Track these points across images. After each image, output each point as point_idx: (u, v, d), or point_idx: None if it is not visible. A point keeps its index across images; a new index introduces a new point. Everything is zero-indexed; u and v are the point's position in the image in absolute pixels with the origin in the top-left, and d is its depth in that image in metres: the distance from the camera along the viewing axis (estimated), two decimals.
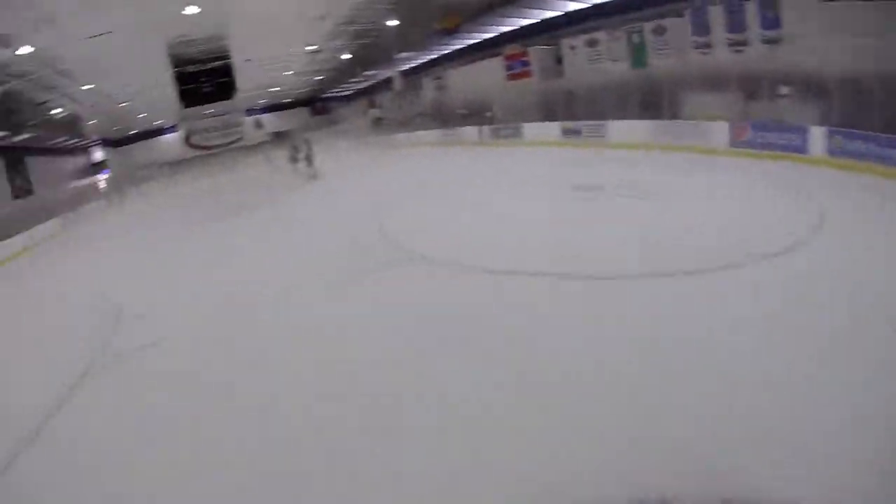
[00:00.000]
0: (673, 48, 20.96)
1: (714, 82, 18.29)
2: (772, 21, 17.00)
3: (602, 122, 22.25)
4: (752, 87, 17.10)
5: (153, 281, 13.78)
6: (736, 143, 16.51)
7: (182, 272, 14.33)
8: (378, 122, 46.47)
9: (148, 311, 10.99)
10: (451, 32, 30.07)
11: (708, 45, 19.33)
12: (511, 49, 30.83)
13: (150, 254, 17.86)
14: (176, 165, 54.56)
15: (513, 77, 30.15)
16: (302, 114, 64.05)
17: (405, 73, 42.62)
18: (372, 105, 49.95)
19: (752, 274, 8.09)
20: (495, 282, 9.45)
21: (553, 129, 25.12)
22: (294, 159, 29.77)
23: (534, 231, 12.15)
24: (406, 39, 35.98)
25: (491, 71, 31.96)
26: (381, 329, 8.16)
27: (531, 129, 27.03)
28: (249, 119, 60.72)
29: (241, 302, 10.73)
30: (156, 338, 9.27)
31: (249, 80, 41.68)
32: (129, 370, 8.41)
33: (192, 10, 22.49)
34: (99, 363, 8.73)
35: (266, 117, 62.34)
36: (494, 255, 10.69)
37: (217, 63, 32.69)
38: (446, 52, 39.98)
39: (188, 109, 41.65)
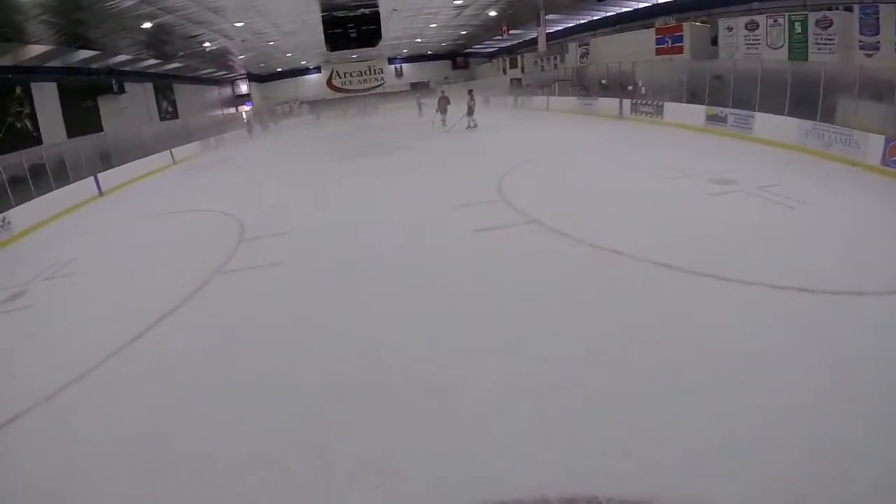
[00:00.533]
0: (836, 44, 19.70)
1: (875, 89, 16.94)
2: None
3: (751, 112, 21.17)
4: None
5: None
6: (888, 161, 15.31)
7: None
8: (517, 83, 46.05)
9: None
10: None
11: (875, 47, 18.04)
12: (664, 22, 29.79)
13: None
14: (317, 104, 56.64)
15: (662, 52, 29.03)
16: (444, 67, 64.42)
17: (551, 36, 41.95)
18: (513, 65, 49.52)
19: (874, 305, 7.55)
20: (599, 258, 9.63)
21: (698, 112, 23.97)
22: (444, 111, 31.41)
23: (641, 216, 12.06)
24: (556, 0, 35.35)
25: (639, 43, 30.82)
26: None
27: (673, 110, 25.94)
28: (391, 67, 61.88)
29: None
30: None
31: (394, 30, 42.13)
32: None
33: None
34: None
35: (408, 66, 63.15)
36: (596, 233, 10.77)
37: (365, 10, 33.09)
38: (596, 17, 39.09)
39: (333, 53, 42.77)
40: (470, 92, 31.80)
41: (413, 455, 5.14)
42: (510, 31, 44.56)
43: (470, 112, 30.01)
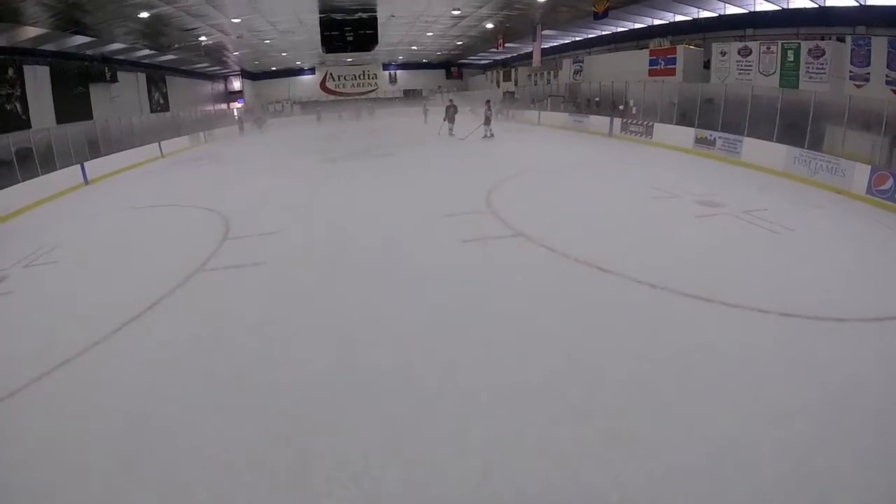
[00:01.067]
0: (827, 73, 19.95)
1: (863, 119, 17.16)
2: None
3: (739, 137, 21.38)
4: None
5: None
6: (874, 190, 15.48)
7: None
8: (510, 96, 46.26)
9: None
10: (601, 16, 29.51)
11: (865, 78, 18.30)
12: (658, 43, 30.05)
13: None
14: (310, 105, 56.63)
15: (655, 73, 29.25)
16: (438, 76, 64.66)
17: (546, 52, 42.14)
18: (507, 78, 49.74)
19: (854, 332, 7.62)
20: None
21: (687, 134, 24.21)
22: (451, 119, 31.76)
23: (627, 235, 12.12)
24: (552, 17, 35.54)
25: (633, 63, 31.00)
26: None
27: (663, 130, 26.18)
28: (385, 73, 62.03)
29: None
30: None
31: (391, 36, 42.26)
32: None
33: None
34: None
35: (402, 73, 63.31)
36: (582, 249, 10.74)
37: (363, 15, 33.17)
38: (591, 36, 39.38)
39: (328, 55, 42.80)
40: (487, 102, 32.46)
41: (385, 460, 5.14)
42: (506, 45, 44.72)
43: (487, 122, 30.29)
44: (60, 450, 5.50)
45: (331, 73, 60.92)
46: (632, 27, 34.67)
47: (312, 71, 60.37)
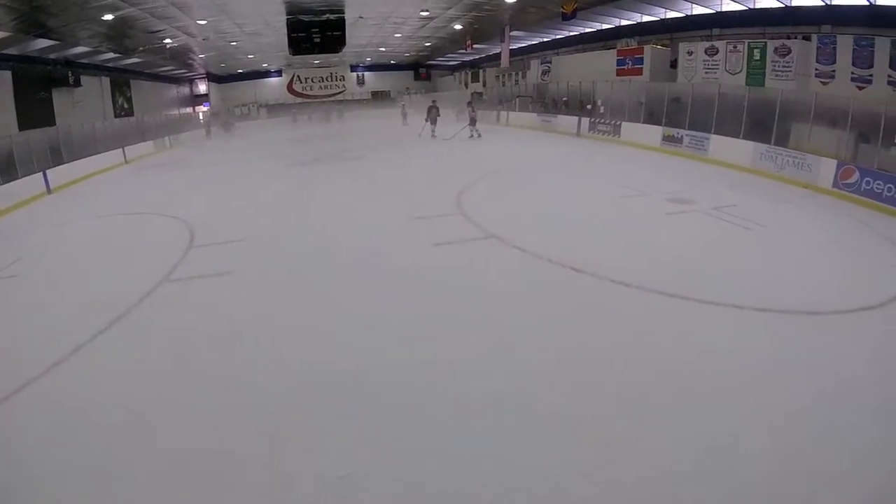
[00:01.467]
0: (793, 71, 20.19)
1: (829, 116, 17.40)
2: None
3: (707, 134, 21.56)
4: (869, 128, 16.15)
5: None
6: (841, 183, 15.69)
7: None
8: (478, 97, 46.25)
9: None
10: (569, 17, 29.57)
11: (830, 76, 18.55)
12: (626, 44, 30.21)
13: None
14: (275, 108, 56.14)
15: (622, 73, 29.45)
16: (406, 77, 64.48)
17: (514, 53, 42.24)
18: (474, 79, 49.76)
19: (828, 324, 7.73)
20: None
21: (654, 132, 24.39)
22: (433, 121, 31.65)
23: (599, 234, 12.16)
24: (520, 18, 35.62)
25: (601, 63, 31.29)
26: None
27: (631, 129, 26.32)
28: (353, 75, 61.76)
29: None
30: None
31: (359, 37, 42.04)
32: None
33: None
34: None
35: (369, 75, 63.05)
36: (554, 250, 10.70)
37: (330, 16, 32.93)
38: (560, 36, 39.52)
39: (295, 57, 42.49)
40: (470, 104, 32.86)
41: (366, 475, 4.99)
42: (474, 46, 44.74)
43: (473, 122, 30.21)
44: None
45: (298, 76, 60.47)
46: (600, 28, 34.84)
47: (279, 73, 59.88)
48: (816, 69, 19.08)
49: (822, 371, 6.45)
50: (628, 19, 31.90)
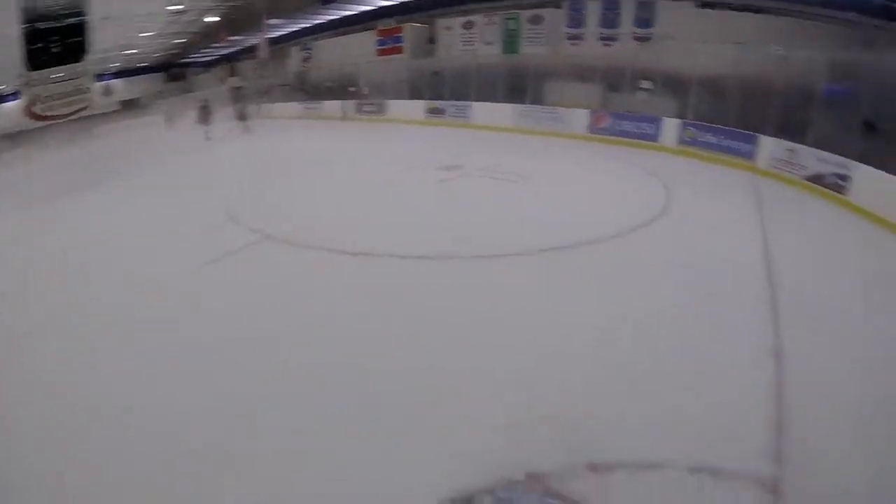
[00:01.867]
0: (546, 37, 21.30)
1: (581, 73, 18.80)
2: (645, 21, 18.01)
3: (467, 103, 22.22)
4: (616, 79, 17.62)
5: None
6: (594, 129, 16.95)
7: None
8: (237, 91, 44.59)
9: None
10: (327, 1, 29.22)
11: (580, 38, 19.84)
12: (385, 24, 30.38)
13: None
14: (15, 138, 48.82)
15: (383, 52, 29.63)
16: (158, 80, 60.42)
17: (273, 41, 41.24)
18: (232, 73, 48.04)
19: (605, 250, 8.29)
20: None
21: (418, 107, 24.88)
22: (205, 121, 28.26)
23: (378, 213, 11.77)
24: (278, 5, 34.75)
25: (362, 45, 31.34)
26: None
27: (396, 107, 26.59)
28: (98, 85, 56.51)
29: None
30: None
31: (103, 41, 38.63)
32: None
33: None
34: None
35: (117, 83, 58.27)
36: (334, 238, 9.96)
37: (72, 20, 29.51)
38: (319, 21, 39.08)
39: (34, 73, 37.36)
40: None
41: None
42: (229, 38, 43.09)
43: (242, 118, 29.03)
44: None
45: (38, 95, 53.71)
46: (360, 9, 34.78)
47: (15, 96, 52.79)
48: (567, 33, 20.38)
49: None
50: (388, 0, 32.12)
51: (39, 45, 29.99)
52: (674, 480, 4.10)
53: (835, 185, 10.91)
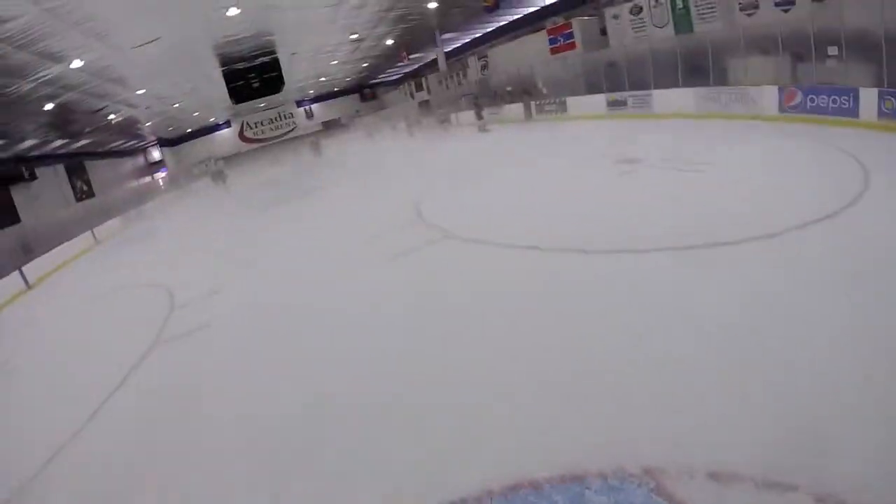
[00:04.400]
0: (718, 10, 20.46)
1: (761, 45, 17.71)
2: None
3: (647, 91, 21.93)
4: (802, 48, 16.42)
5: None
6: (785, 108, 16.02)
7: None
8: (425, 105, 46.46)
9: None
10: (492, 9, 29.87)
11: (754, 6, 18.80)
12: (553, 22, 30.52)
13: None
14: (231, 159, 55.74)
15: (556, 50, 29.79)
16: (352, 100, 64.43)
17: (450, 55, 42.54)
18: (419, 88, 50.05)
19: (790, 242, 7.98)
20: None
21: (598, 101, 24.83)
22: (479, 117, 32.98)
23: (574, 206, 12.34)
24: (448, 20, 35.89)
25: (534, 46, 31.70)
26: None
27: (576, 103, 26.74)
28: (300, 110, 61.59)
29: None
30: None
31: (297, 73, 42.13)
32: None
33: (233, 11, 22.69)
34: None
35: (316, 107, 62.94)
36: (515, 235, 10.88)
37: (264, 59, 33.11)
38: (490, 29, 39.87)
39: (239, 105, 42.33)
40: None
41: None
42: (410, 56, 45.02)
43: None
44: None
45: (247, 122, 60.20)
46: (525, 11, 35.17)
47: (228, 124, 59.74)
48: (740, 3, 19.25)
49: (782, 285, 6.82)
50: None
51: (240, 82, 33.76)
52: None
53: None
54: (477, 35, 42.30)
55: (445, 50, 41.12)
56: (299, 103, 61.81)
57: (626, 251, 8.87)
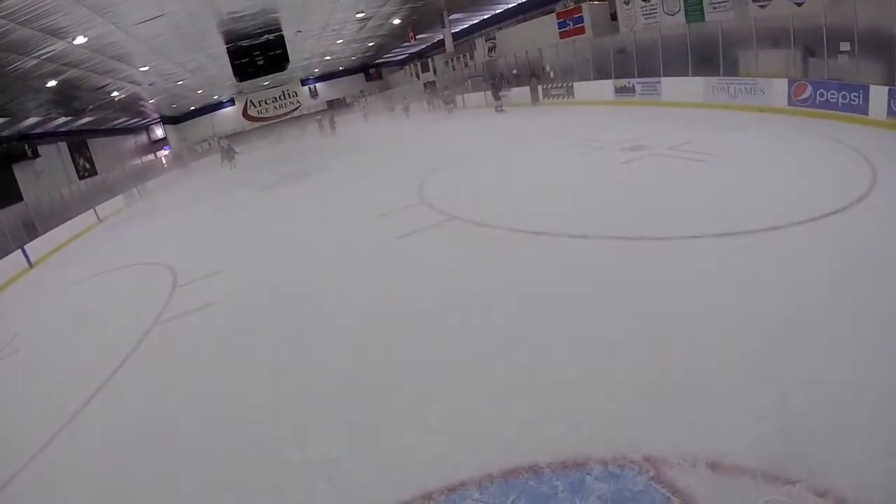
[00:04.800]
0: (730, 1, 20.21)
1: (773, 37, 17.53)
2: None
3: (657, 79, 21.74)
4: (814, 42, 16.26)
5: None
6: (794, 101, 15.89)
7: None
8: (430, 86, 46.18)
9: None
10: None
11: None
12: (564, 6, 30.24)
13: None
14: (235, 137, 55.36)
15: (566, 35, 29.51)
16: (357, 80, 64.04)
17: (457, 35, 42.21)
18: (425, 69, 49.71)
19: (792, 237, 7.94)
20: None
21: (606, 87, 24.69)
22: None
23: (573, 192, 12.38)
24: (456, 0, 35.57)
25: (543, 29, 31.35)
26: None
27: (584, 88, 26.58)
28: (305, 88, 61.17)
29: None
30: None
31: (302, 51, 41.78)
32: None
33: None
34: None
35: (321, 86, 62.52)
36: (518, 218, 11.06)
37: (269, 36, 32.78)
38: (498, 10, 39.49)
39: (245, 83, 42.12)
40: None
41: None
42: (416, 37, 44.65)
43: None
44: None
45: (251, 101, 59.73)
46: None
47: (232, 102, 59.30)
48: None
49: (779, 277, 6.87)
50: None
51: (245, 59, 33.25)
52: (795, 499, 3.80)
53: None
54: (486, 16, 41.88)
55: (453, 31, 40.75)
56: (304, 82, 61.40)
57: (618, 238, 9.00)
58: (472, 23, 43.84)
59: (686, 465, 4.21)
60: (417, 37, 44.93)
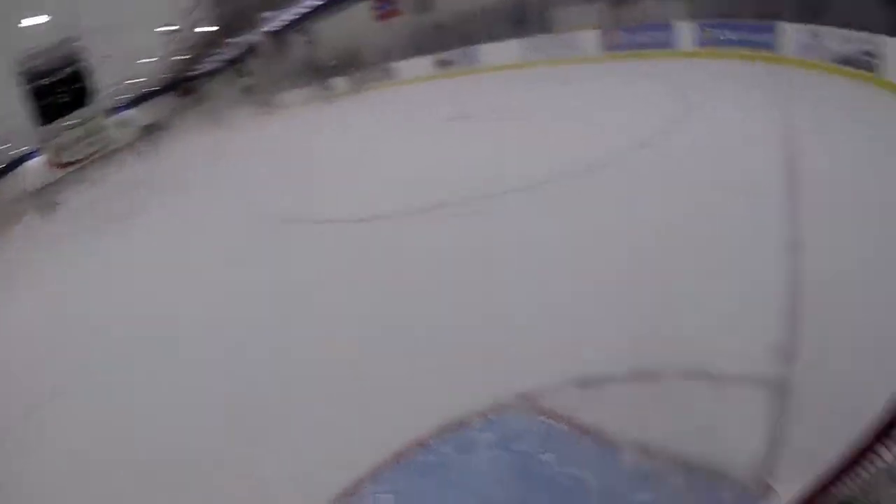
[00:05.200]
0: None
1: None
2: None
3: (474, 47, 21.93)
4: None
5: None
6: (609, 48, 16.51)
7: None
8: (248, 90, 44.59)
9: None
10: None
11: None
12: None
13: None
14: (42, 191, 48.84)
15: (383, 17, 29.25)
16: (173, 98, 60.47)
17: (272, 34, 41.18)
18: (240, 74, 48.02)
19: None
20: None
21: (426, 63, 24.70)
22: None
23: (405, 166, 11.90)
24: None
25: (360, 16, 30.83)
26: None
27: (404, 68, 26.46)
28: (111, 120, 56.27)
29: None
30: None
31: (109, 77, 38.67)
32: None
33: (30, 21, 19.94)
34: None
35: (132, 112, 58.13)
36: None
37: (69, 69, 30.10)
38: (312, 3, 38.83)
39: (47, 127, 37.93)
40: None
41: None
42: (229, 42, 43.25)
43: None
44: None
45: (59, 145, 53.57)
46: None
47: (37, 152, 52.61)
48: None
49: None
50: None
51: (48, 99, 30.74)
52: (668, 389, 4.09)
53: (866, 63, 10.01)
54: (302, 11, 41.09)
55: (267, 30, 39.74)
56: (114, 111, 56.65)
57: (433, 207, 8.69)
58: (287, 19, 42.89)
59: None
60: (230, 41, 43.36)
